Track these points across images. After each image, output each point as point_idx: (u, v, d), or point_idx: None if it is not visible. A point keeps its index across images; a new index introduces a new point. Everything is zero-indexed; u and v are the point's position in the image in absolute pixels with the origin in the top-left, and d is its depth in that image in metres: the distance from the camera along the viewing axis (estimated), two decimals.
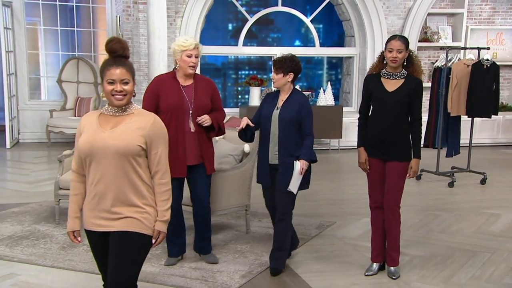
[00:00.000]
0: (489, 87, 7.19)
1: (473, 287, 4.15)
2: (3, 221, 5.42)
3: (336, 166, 8.69)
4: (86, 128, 2.74)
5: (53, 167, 7.91)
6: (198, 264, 4.43)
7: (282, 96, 4.17)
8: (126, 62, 2.73)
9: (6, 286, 3.96)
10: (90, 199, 2.75)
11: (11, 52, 9.42)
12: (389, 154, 4.07)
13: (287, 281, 4.17)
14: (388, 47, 3.97)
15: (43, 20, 10.26)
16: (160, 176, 2.77)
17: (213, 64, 11.80)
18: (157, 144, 2.74)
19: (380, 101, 4.05)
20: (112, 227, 2.71)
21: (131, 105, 2.77)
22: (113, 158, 2.65)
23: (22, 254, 4.57)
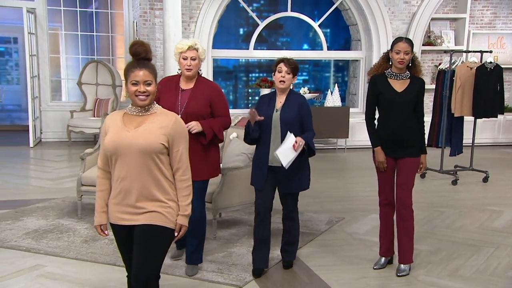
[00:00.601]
0: (493, 89, 7.16)
1: (478, 280, 4.13)
2: (29, 215, 5.46)
3: (343, 164, 8.67)
4: (111, 128, 2.76)
5: (74, 165, 7.96)
6: (213, 257, 4.45)
7: (279, 98, 4.00)
8: (149, 64, 2.75)
9: (33, 277, 3.99)
10: (115, 194, 2.77)
11: (34, 55, 9.48)
12: (402, 151, 4.04)
13: (299, 273, 4.18)
14: (395, 49, 3.94)
15: (64, 25, 10.33)
16: (181, 173, 2.78)
17: (225, 67, 11.82)
18: (179, 143, 2.76)
19: (391, 102, 4.01)
20: (137, 221, 2.73)
21: (153, 105, 2.79)
22: (137, 156, 2.67)
23: (47, 247, 4.60)
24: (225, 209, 5.00)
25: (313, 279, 4.09)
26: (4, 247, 4.57)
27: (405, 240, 4.13)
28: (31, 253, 4.45)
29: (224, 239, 4.88)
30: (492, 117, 7.53)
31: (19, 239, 4.75)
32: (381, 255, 4.31)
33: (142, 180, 2.69)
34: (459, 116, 7.31)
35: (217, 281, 4.00)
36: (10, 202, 5.94)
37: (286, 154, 3.77)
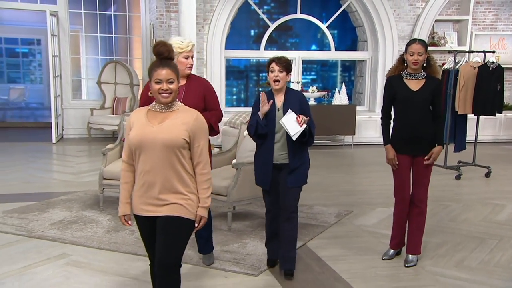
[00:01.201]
0: (494, 88, 7.12)
1: (483, 270, 4.12)
2: (54, 207, 5.50)
3: (350, 160, 8.65)
4: (136, 123, 2.78)
5: (94, 160, 8.03)
6: (229, 247, 4.46)
7: (278, 97, 3.80)
8: (171, 63, 2.76)
9: (59, 265, 4.03)
10: (139, 187, 2.78)
11: (57, 56, 9.54)
12: (419, 149, 4.01)
13: (310, 263, 4.18)
14: (409, 50, 3.91)
15: (85, 27, 10.39)
16: (201, 166, 2.79)
17: (236, 67, 11.82)
18: (199, 138, 2.77)
19: (407, 101, 3.97)
20: (159, 212, 2.75)
21: (176, 102, 2.80)
22: (161, 150, 2.68)
23: (72, 237, 4.64)
24: (238, 202, 5.00)
25: (324, 269, 4.09)
26: (32, 236, 4.62)
27: (416, 234, 4.13)
28: (57, 243, 4.49)
29: (239, 231, 4.89)
30: (490, 115, 7.47)
31: (45, 230, 4.80)
32: (391, 247, 4.29)
33: (165, 173, 2.71)
34: (463, 114, 7.27)
35: (233, 270, 4.01)
36: (36, 195, 5.98)
37: (292, 125, 3.62)
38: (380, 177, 7.13)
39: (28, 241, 4.52)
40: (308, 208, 5.56)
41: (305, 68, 10.59)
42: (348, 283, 3.83)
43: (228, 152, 5.63)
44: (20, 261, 4.08)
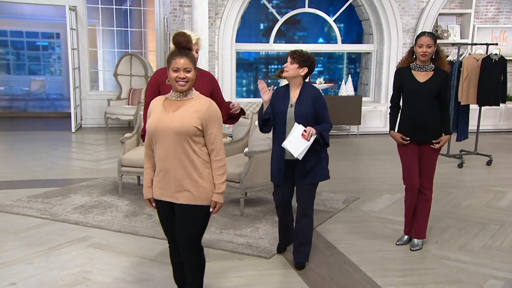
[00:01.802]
0: (497, 79, 7.06)
1: (486, 254, 4.12)
2: (75, 193, 5.55)
3: (355, 149, 8.63)
4: (154, 111, 2.78)
5: (111, 148, 8.07)
6: (242, 232, 4.48)
7: (293, 92, 3.61)
8: (189, 53, 2.76)
9: (83, 247, 4.07)
10: (157, 172, 2.80)
11: (75, 49, 9.55)
12: (424, 138, 3.99)
13: (321, 247, 4.19)
14: (418, 42, 3.88)
15: (102, 21, 10.37)
16: (215, 153, 2.78)
17: (246, 59, 11.77)
18: (212, 125, 2.75)
19: (413, 91, 3.96)
20: (176, 199, 2.76)
21: (192, 91, 2.79)
22: (174, 137, 2.69)
23: (93, 221, 4.68)
24: (251, 189, 5.02)
25: (334, 252, 4.10)
26: (56, 220, 4.66)
27: (422, 219, 4.13)
28: (79, 226, 4.53)
29: (251, 216, 4.91)
30: (494, 105, 7.42)
31: (68, 214, 4.84)
32: (406, 233, 4.27)
33: (179, 160, 2.71)
34: (465, 104, 7.23)
35: (247, 253, 4.03)
36: (58, 181, 6.03)
37: (296, 144, 3.43)
38: (385, 165, 7.12)
39: (52, 224, 4.57)
40: (317, 195, 5.44)
41: None
42: (357, 265, 3.84)
43: (240, 141, 5.64)
44: (46, 243, 4.13)
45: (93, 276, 3.56)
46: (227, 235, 4.40)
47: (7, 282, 3.43)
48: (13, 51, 16.18)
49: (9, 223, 4.55)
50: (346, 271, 3.74)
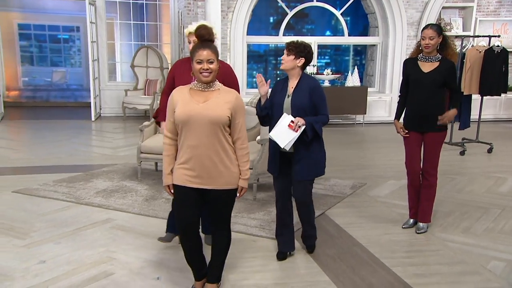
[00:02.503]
0: (499, 70, 6.98)
1: (488, 237, 4.11)
2: (97, 178, 5.59)
3: (361, 137, 8.60)
4: (180, 101, 2.77)
5: (128, 136, 8.11)
6: (255, 215, 4.50)
7: (291, 83, 3.39)
8: (211, 45, 2.75)
9: (106, 228, 4.12)
10: (185, 160, 2.77)
11: (95, 42, 9.56)
12: (427, 126, 3.97)
13: (330, 230, 4.20)
14: (422, 35, 3.87)
15: (119, 15, 10.35)
16: (241, 142, 2.81)
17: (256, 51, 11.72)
18: (239, 115, 2.78)
19: (417, 81, 3.95)
20: (209, 185, 2.78)
21: (216, 82, 2.80)
22: (207, 125, 2.70)
23: (115, 204, 4.71)
24: (263, 175, 5.02)
25: (342, 234, 4.11)
26: (80, 203, 4.71)
27: (426, 204, 4.12)
28: (102, 209, 4.58)
29: (263, 200, 4.92)
30: (496, 95, 7.35)
31: (91, 197, 4.89)
32: (411, 217, 4.28)
33: (213, 148, 2.73)
34: (468, 94, 7.16)
35: (260, 235, 4.06)
36: (80, 166, 6.09)
37: (283, 135, 3.23)
38: (390, 152, 7.10)
39: (77, 207, 4.61)
40: (325, 180, 5.57)
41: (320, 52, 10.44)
42: (365, 247, 3.85)
43: (252, 129, 5.63)
44: (72, 224, 4.18)
45: (117, 256, 3.60)
46: (241, 218, 4.42)
47: (37, 260, 3.48)
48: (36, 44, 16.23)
49: (37, 206, 4.60)
50: (355, 253, 3.76)
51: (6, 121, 9.21)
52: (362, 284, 3.26)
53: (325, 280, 3.31)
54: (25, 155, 6.66)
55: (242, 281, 3.27)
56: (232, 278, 3.29)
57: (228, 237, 3.01)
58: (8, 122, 9.18)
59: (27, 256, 3.54)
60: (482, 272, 3.47)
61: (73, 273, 3.31)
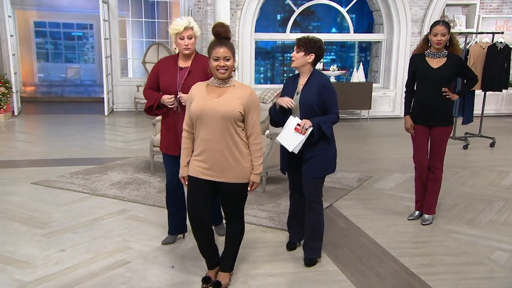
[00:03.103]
0: (501, 66, 6.92)
1: (492, 228, 4.10)
2: (112, 170, 5.61)
3: (366, 132, 8.57)
4: (197, 96, 2.78)
5: (140, 130, 8.13)
6: (264, 207, 4.50)
7: (302, 80, 3.23)
8: (228, 42, 2.74)
9: (122, 219, 4.14)
10: (199, 152, 2.79)
11: (107, 39, 9.55)
12: (434, 121, 3.94)
13: (337, 221, 4.20)
14: (433, 31, 3.82)
15: (131, 13, 10.34)
16: (254, 137, 2.80)
17: (264, 48, 11.67)
18: (253, 112, 2.76)
19: (425, 77, 3.91)
20: (220, 178, 2.79)
21: (232, 79, 2.79)
22: (220, 120, 2.70)
23: (129, 195, 4.73)
24: (272, 168, 5.02)
25: (350, 226, 4.11)
26: (96, 194, 4.73)
27: (431, 196, 4.11)
28: (117, 200, 4.60)
29: (272, 193, 4.92)
30: (497, 91, 7.29)
31: (106, 189, 4.91)
32: (416, 209, 4.26)
33: (224, 142, 2.73)
34: (471, 90, 7.09)
35: (270, 226, 4.06)
36: (95, 159, 6.11)
37: (290, 138, 3.12)
38: (394, 146, 7.08)
39: (93, 198, 4.64)
40: (332, 174, 5.51)
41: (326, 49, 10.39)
42: (372, 238, 3.85)
43: (262, 124, 5.61)
44: (89, 214, 4.21)
45: (133, 245, 3.62)
46: (251, 210, 4.42)
47: (57, 249, 3.51)
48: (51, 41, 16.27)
49: (55, 197, 4.63)
50: (362, 243, 3.75)
51: (23, 116, 9.26)
52: (370, 274, 3.26)
53: (334, 270, 3.31)
54: (42, 148, 6.71)
55: (253, 270, 3.28)
56: (244, 267, 3.30)
57: (241, 229, 3.02)
58: (25, 116, 9.23)
59: (47, 245, 3.57)
60: (487, 262, 3.46)
61: (92, 261, 3.34)
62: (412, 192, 4.35)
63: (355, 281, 3.16)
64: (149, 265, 3.32)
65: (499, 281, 3.20)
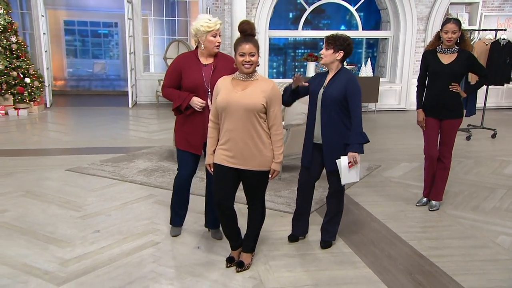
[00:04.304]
0: (504, 61, 6.81)
1: (496, 214, 4.07)
2: (138, 158, 5.65)
3: (374, 124, 8.50)
4: (222, 89, 2.78)
5: (162, 122, 8.16)
6: (281, 193, 4.50)
7: (329, 76, 3.14)
8: (253, 39, 2.73)
9: (149, 203, 4.18)
10: (224, 141, 2.80)
11: (131, 36, 9.57)
12: (444, 113, 3.91)
13: (349, 206, 4.19)
14: (444, 29, 3.76)
15: (153, 12, 10.33)
16: (275, 128, 2.79)
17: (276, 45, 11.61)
18: (275, 104, 2.76)
19: (437, 72, 3.86)
20: (243, 166, 2.79)
21: (256, 73, 2.79)
22: (243, 112, 2.70)
23: (155, 182, 4.77)
24: (287, 157, 5.00)
25: (361, 211, 4.11)
26: (125, 180, 4.78)
27: (439, 184, 4.09)
28: (144, 186, 4.63)
29: (288, 180, 4.92)
30: (499, 85, 7.18)
31: (134, 175, 4.95)
32: (424, 196, 4.25)
33: (247, 132, 2.73)
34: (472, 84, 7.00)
35: (287, 211, 4.07)
36: (122, 148, 6.16)
37: (351, 175, 3.10)
38: (401, 137, 7.02)
39: (122, 184, 4.68)
40: None
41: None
42: (383, 223, 3.84)
43: None
44: (119, 199, 4.25)
45: (161, 227, 3.66)
46: (268, 196, 4.41)
47: (92, 230, 3.57)
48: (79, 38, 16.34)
49: (88, 182, 4.69)
50: (374, 228, 3.75)
51: (55, 108, 9.35)
52: (382, 255, 3.26)
53: (349, 252, 3.32)
54: (73, 138, 6.78)
55: (273, 251, 3.30)
56: (264, 248, 3.32)
57: (262, 213, 3.03)
58: (56, 108, 9.32)
59: (83, 226, 3.63)
60: (492, 245, 3.44)
61: (124, 241, 3.39)
62: (419, 180, 4.33)
63: (368, 262, 3.16)
64: (177, 245, 3.35)
65: (504, 263, 3.19)
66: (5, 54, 8.24)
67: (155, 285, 2.81)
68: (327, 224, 3.38)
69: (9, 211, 3.90)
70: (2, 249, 3.22)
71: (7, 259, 3.08)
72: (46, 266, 2.99)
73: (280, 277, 2.95)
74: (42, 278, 2.86)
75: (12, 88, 8.30)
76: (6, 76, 8.19)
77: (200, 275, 2.93)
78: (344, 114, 3.06)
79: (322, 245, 3.37)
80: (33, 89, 8.54)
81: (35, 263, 3.03)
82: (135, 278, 2.88)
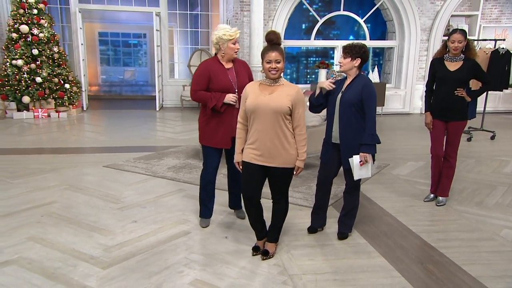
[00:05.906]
0: (503, 68, 6.70)
1: (499, 209, 4.02)
2: (167, 156, 5.70)
3: (381, 126, 8.40)
4: (251, 93, 2.79)
5: (186, 124, 8.20)
6: (298, 189, 4.50)
7: (347, 81, 3.14)
8: (278, 47, 2.74)
9: (180, 197, 4.21)
10: (253, 141, 2.81)
11: (159, 46, 9.65)
12: (451, 116, 3.88)
13: (363, 202, 4.14)
14: (451, 39, 3.73)
15: (178, 24, 10.40)
16: (300, 129, 2.80)
17: (290, 53, 11.57)
18: (299, 107, 2.77)
19: (443, 78, 3.84)
20: (270, 163, 2.80)
21: (281, 79, 2.80)
22: (271, 114, 2.71)
23: (184, 178, 4.80)
24: None
25: (373, 206, 4.09)
26: (156, 176, 4.82)
27: (445, 181, 4.05)
28: (174, 181, 4.67)
29: (304, 177, 4.91)
30: (499, 91, 7.07)
31: (164, 172, 4.99)
32: (431, 192, 4.21)
33: (274, 132, 2.74)
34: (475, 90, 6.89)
35: (304, 205, 4.08)
36: (152, 147, 6.22)
37: (363, 171, 3.08)
38: (406, 138, 6.96)
39: (154, 179, 4.72)
40: None
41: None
42: (394, 216, 3.82)
43: None
44: (152, 193, 4.30)
45: (191, 218, 3.69)
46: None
47: (130, 220, 3.61)
48: (111, 48, 16.54)
49: (124, 178, 4.75)
50: (386, 221, 3.73)
51: (90, 111, 9.48)
52: (395, 246, 3.24)
53: (364, 242, 3.31)
54: (108, 138, 6.86)
55: (294, 241, 3.30)
56: (286, 239, 3.33)
57: (286, 207, 3.03)
58: (91, 111, 9.45)
59: (122, 216, 3.68)
60: (496, 238, 3.40)
61: (159, 231, 3.42)
62: (426, 178, 4.28)
63: (382, 252, 3.15)
64: (207, 235, 3.38)
65: (508, 254, 3.14)
66: (48, 62, 8.39)
67: (189, 270, 2.84)
68: (344, 217, 3.38)
69: (57, 202, 3.97)
70: (53, 236, 3.29)
71: (58, 245, 3.14)
72: (92, 252, 3.04)
73: (302, 265, 2.95)
74: (89, 262, 2.91)
75: (54, 93, 8.45)
76: (48, 82, 8.34)
77: (230, 262, 2.95)
78: (360, 116, 3.05)
79: (339, 236, 3.37)
80: (72, 94, 8.68)
81: (82, 248, 3.09)
82: (171, 264, 2.91)
